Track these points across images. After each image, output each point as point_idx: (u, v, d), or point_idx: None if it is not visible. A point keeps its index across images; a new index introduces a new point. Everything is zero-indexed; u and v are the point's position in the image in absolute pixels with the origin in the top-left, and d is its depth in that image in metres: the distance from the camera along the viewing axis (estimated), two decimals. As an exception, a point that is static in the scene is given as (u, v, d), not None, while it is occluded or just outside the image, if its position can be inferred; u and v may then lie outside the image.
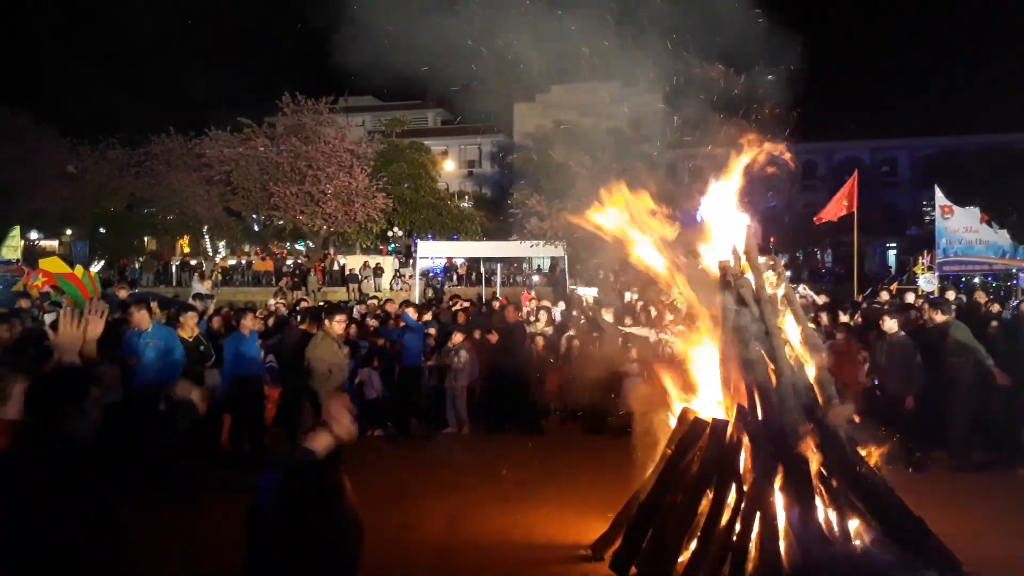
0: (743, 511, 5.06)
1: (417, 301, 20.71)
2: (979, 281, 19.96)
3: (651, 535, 5.30)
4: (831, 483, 5.24)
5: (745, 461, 5.31)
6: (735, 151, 6.11)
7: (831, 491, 5.22)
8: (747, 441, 5.31)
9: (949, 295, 12.90)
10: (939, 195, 17.74)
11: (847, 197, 18.55)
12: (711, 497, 5.19)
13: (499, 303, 13.76)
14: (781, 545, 4.93)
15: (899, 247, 40.07)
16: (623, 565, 5.28)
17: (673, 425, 5.76)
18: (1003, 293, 19.33)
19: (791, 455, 5.15)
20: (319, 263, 34.89)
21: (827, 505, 5.16)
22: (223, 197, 34.49)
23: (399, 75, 8.51)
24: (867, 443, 5.67)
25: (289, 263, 37.40)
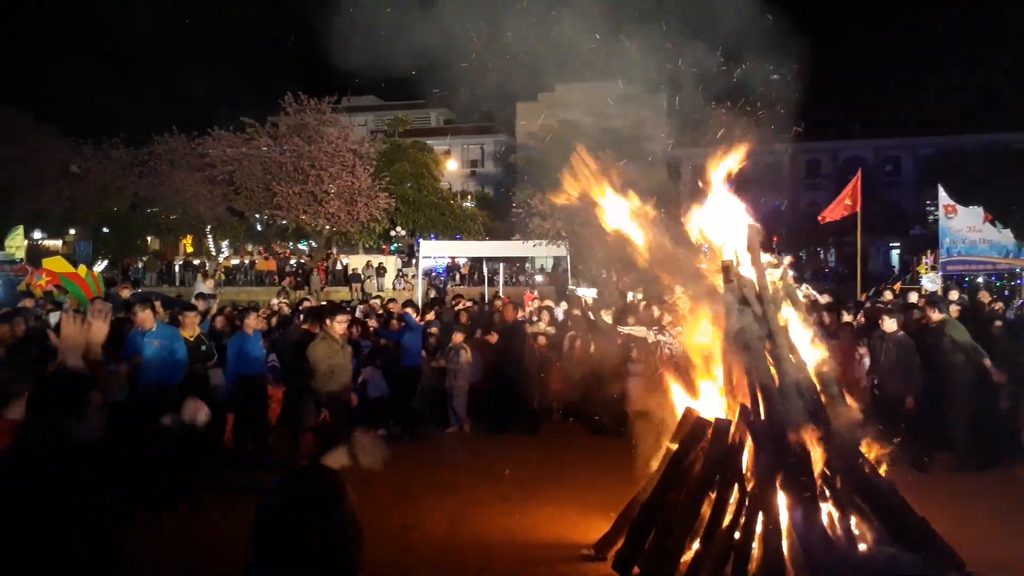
0: (746, 511, 5.06)
1: (420, 301, 20.71)
2: (983, 281, 19.88)
3: (654, 535, 5.29)
4: (834, 483, 5.23)
5: (748, 461, 5.30)
6: (738, 150, 6.11)
7: (834, 491, 5.21)
8: (750, 441, 5.30)
9: (952, 295, 12.86)
10: (943, 194, 17.68)
11: (850, 197, 18.49)
12: (714, 497, 5.18)
13: (501, 301, 13.73)
14: (784, 545, 4.92)
15: (903, 247, 39.97)
16: (626, 565, 5.27)
17: (675, 425, 5.75)
18: (1007, 293, 19.27)
19: (794, 455, 5.14)
20: (322, 263, 34.92)
21: (830, 505, 5.16)
22: (226, 197, 34.54)
23: (401, 75, 8.51)
24: (870, 443, 5.66)
25: (292, 263, 37.49)
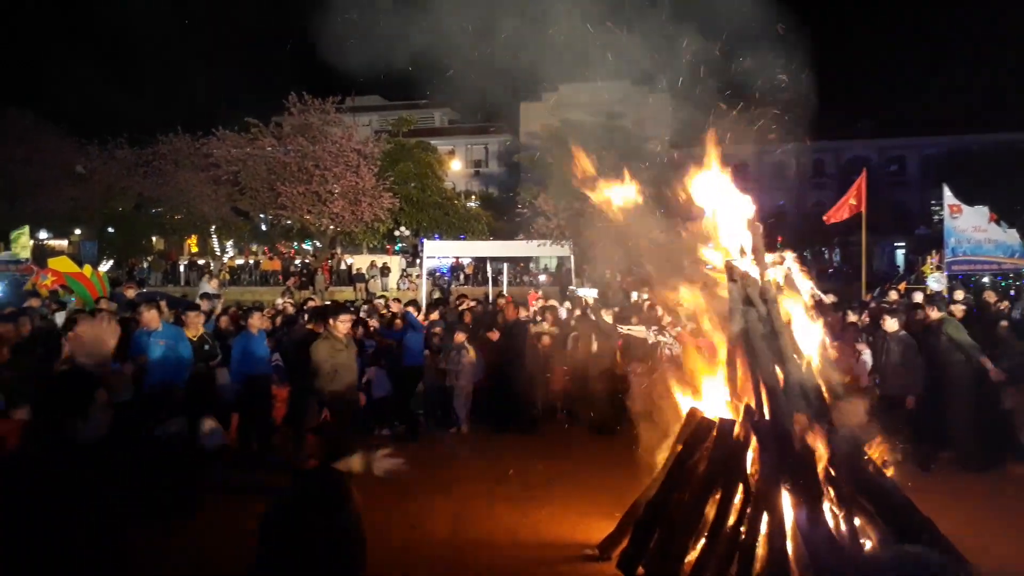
0: (750, 511, 5.05)
1: (424, 301, 20.71)
2: (988, 281, 19.81)
3: (658, 535, 5.29)
4: (839, 482, 5.22)
5: (752, 461, 5.29)
6: (742, 149, 6.11)
7: (839, 490, 5.20)
8: (754, 441, 5.30)
9: (958, 295, 12.82)
10: (948, 194, 17.61)
11: (855, 196, 18.45)
12: (718, 497, 5.17)
13: (504, 300, 13.72)
14: (788, 545, 4.91)
15: (908, 246, 39.87)
16: (630, 565, 5.27)
17: (679, 425, 5.75)
18: (1012, 293, 19.19)
19: (798, 455, 5.13)
20: (326, 262, 35.01)
21: (835, 504, 5.14)
22: (231, 197, 34.66)
23: (403, 74, 8.52)
24: (874, 442, 5.64)
25: (296, 263, 37.57)
